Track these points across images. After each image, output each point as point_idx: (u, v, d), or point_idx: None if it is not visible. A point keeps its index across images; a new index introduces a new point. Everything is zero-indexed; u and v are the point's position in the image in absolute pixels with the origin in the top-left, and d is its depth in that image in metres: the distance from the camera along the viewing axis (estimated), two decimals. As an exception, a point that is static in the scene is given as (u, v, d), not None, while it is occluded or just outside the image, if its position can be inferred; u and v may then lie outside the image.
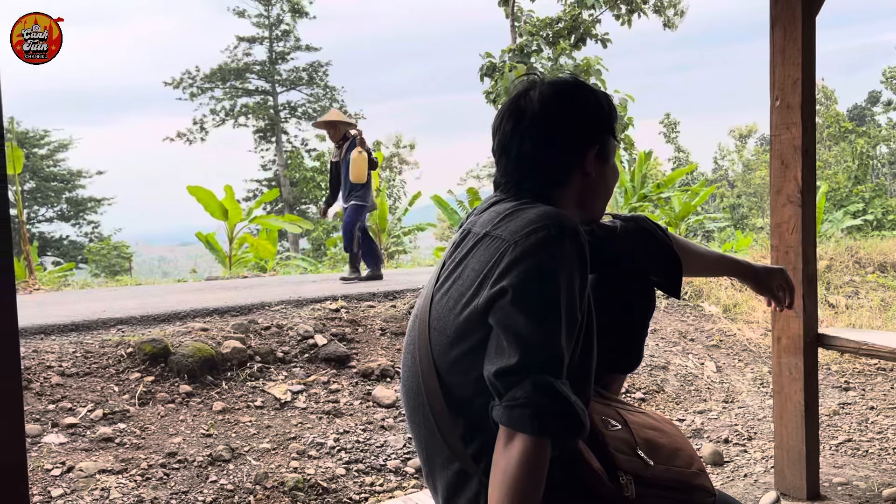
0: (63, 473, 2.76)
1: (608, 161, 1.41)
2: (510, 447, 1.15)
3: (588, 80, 9.81)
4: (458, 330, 1.25)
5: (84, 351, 3.74)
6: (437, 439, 1.32)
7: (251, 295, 5.70)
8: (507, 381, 1.16)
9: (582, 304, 1.23)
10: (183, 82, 33.57)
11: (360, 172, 6.98)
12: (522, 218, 1.24)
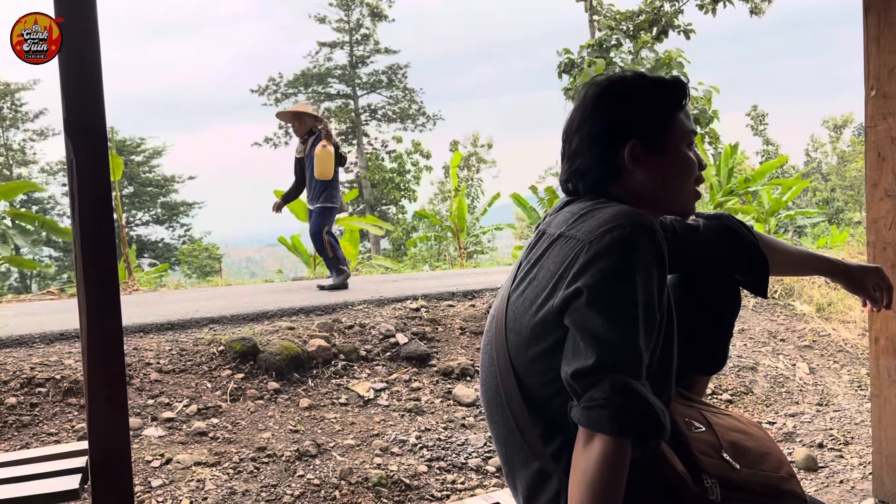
0: (162, 465, 2.91)
1: (662, 153, 1.36)
2: (589, 448, 1.15)
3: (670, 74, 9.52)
4: (534, 331, 1.26)
5: (179, 349, 3.93)
6: (517, 438, 1.33)
7: (334, 295, 5.84)
8: (585, 382, 1.16)
9: (661, 303, 1.21)
10: (268, 89, 34.69)
11: (326, 169, 6.32)
12: (597, 217, 1.24)
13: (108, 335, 1.55)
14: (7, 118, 34.07)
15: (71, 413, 3.27)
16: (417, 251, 19.76)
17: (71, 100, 1.53)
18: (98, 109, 1.53)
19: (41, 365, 3.54)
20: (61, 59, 1.52)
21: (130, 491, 1.45)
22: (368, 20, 34.55)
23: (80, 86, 1.53)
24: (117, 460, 1.52)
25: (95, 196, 1.52)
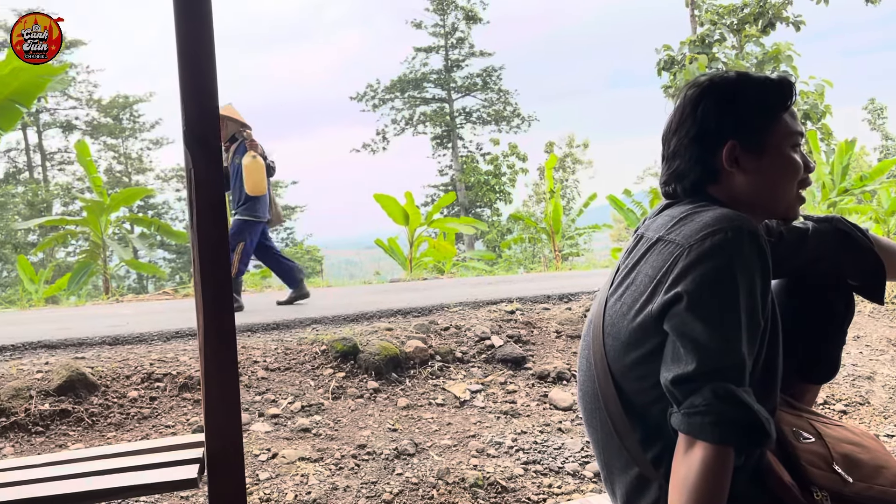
0: (268, 459, 3.04)
1: (763, 155, 1.32)
2: (690, 455, 1.13)
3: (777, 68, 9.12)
4: (632, 336, 1.25)
5: (284, 348, 4.09)
6: (616, 443, 1.32)
7: (430, 296, 5.93)
8: (685, 388, 1.14)
9: (764, 309, 1.18)
10: (366, 95, 35.50)
11: (258, 183, 5.77)
12: (697, 221, 1.22)
13: (223, 334, 1.64)
14: (126, 129, 36.39)
15: (186, 407, 3.47)
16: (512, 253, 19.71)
17: (189, 112, 1.62)
18: (214, 121, 1.62)
19: (159, 361, 3.78)
20: (181, 72, 1.62)
21: (243, 482, 1.53)
22: (463, 23, 34.79)
23: (197, 99, 1.62)
24: (231, 452, 1.60)
25: (211, 203, 1.61)
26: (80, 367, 3.53)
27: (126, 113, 36.23)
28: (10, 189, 31.36)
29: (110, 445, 3.02)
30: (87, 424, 3.29)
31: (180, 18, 1.58)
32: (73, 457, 1.96)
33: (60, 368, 3.49)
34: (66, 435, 3.21)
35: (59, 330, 4.77)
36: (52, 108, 35.27)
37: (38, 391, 3.35)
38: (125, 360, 3.78)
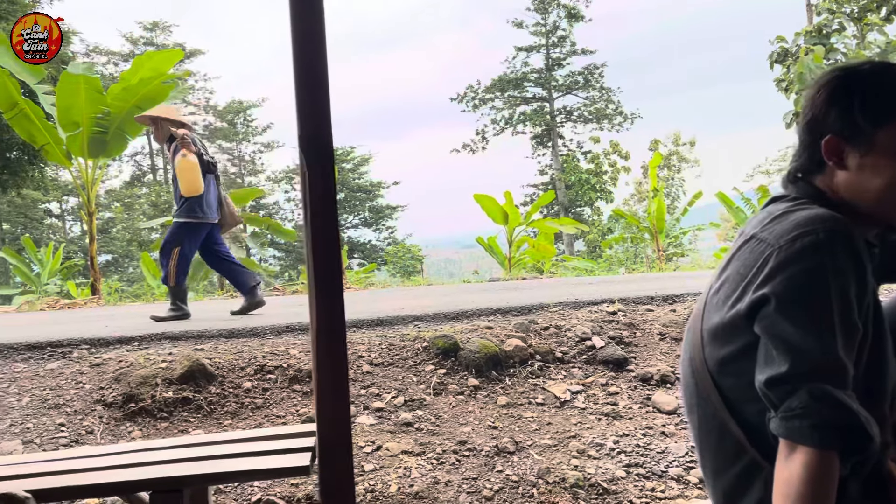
0: (373, 451, 3.14)
1: (870, 153, 1.23)
2: (791, 460, 1.10)
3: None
4: (725, 332, 1.24)
5: (388, 344, 4.20)
6: (714, 439, 1.30)
7: (530, 296, 5.92)
8: (780, 390, 1.11)
9: (861, 312, 1.13)
10: (466, 96, 35.71)
11: (193, 183, 5.44)
12: (791, 221, 1.18)
13: (334, 329, 1.71)
14: (240, 133, 38.20)
15: (296, 398, 3.62)
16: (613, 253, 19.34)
17: (304, 117, 1.70)
18: (326, 125, 1.70)
19: (271, 354, 3.96)
20: (296, 77, 1.70)
21: (351, 472, 1.60)
22: (565, 22, 34.41)
23: (312, 104, 1.70)
24: (340, 442, 1.67)
25: (323, 205, 1.68)
26: (200, 358, 3.75)
27: (240, 118, 38.04)
28: (135, 191, 33.59)
29: (227, 432, 3.20)
30: (206, 412, 3.49)
31: (296, 28, 1.66)
32: (194, 441, 2.10)
33: (182, 359, 3.73)
34: (188, 421, 3.43)
35: (180, 323, 5.08)
36: (172, 114, 37.41)
37: (163, 379, 3.59)
38: (240, 352, 3.99)
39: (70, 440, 3.18)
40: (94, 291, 11.24)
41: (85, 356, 4.03)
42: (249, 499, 2.81)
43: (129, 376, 3.62)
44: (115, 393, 3.54)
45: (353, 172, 36.38)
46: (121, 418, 3.40)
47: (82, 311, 7.65)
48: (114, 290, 14.06)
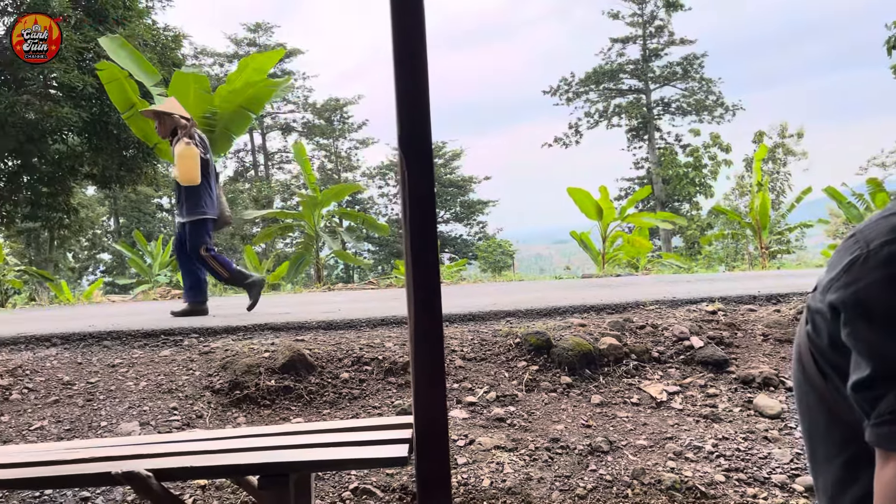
0: (466, 445, 3.18)
1: None
2: (884, 471, 1.04)
3: None
4: (819, 326, 1.19)
5: (480, 339, 4.23)
6: (820, 432, 1.25)
7: (625, 293, 5.81)
8: (867, 395, 1.05)
9: None
10: (559, 89, 35.29)
11: (190, 171, 5.38)
12: (890, 223, 1.12)
13: (431, 326, 1.74)
14: (337, 130, 39.20)
15: (391, 390, 3.71)
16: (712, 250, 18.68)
17: (404, 117, 1.74)
18: (426, 125, 1.73)
19: (367, 346, 4.07)
20: (396, 78, 1.75)
21: (448, 465, 1.62)
22: (663, 11, 33.41)
23: (412, 103, 1.74)
24: (437, 436, 1.71)
25: (422, 203, 1.72)
26: (301, 348, 3.90)
27: (337, 115, 39.05)
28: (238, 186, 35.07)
29: (329, 421, 3.31)
30: (306, 401, 3.63)
31: (397, 29, 1.70)
32: (298, 429, 2.19)
33: (284, 349, 3.88)
34: (289, 409, 3.57)
35: (281, 314, 5.29)
36: (273, 112, 38.92)
37: (266, 368, 3.75)
38: (338, 343, 4.12)
39: (182, 423, 3.38)
40: (202, 282, 11.77)
41: (195, 344, 4.26)
42: (347, 486, 2.91)
43: (235, 364, 3.80)
44: (222, 380, 3.72)
45: (445, 167, 36.67)
46: (227, 404, 3.58)
47: (191, 301, 8.06)
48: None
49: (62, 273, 27.08)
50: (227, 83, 9.99)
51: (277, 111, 39.21)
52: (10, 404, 3.54)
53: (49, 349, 4.31)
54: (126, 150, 15.64)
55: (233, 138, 10.73)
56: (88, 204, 28.81)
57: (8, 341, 4.45)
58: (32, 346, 4.37)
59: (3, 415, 3.44)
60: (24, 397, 3.61)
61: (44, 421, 3.38)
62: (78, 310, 8.05)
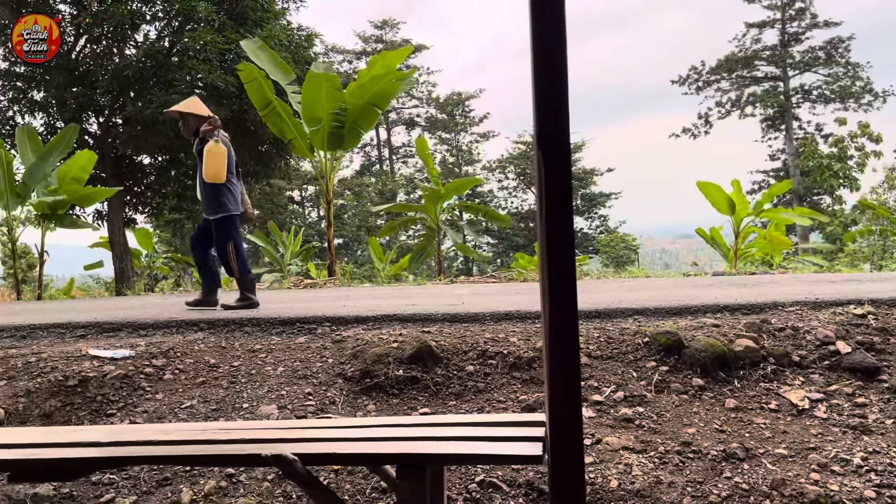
0: (592, 444, 3.13)
1: None
2: None
3: None
4: None
5: (606, 337, 4.15)
6: None
7: (761, 293, 5.52)
8: None
9: None
10: (689, 78, 33.93)
11: (217, 169, 5.54)
12: None
13: (566, 326, 1.73)
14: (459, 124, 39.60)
15: (515, 385, 3.71)
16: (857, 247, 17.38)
17: (541, 114, 1.73)
18: (564, 123, 1.71)
19: (492, 340, 4.09)
20: (534, 75, 1.73)
21: (582, 465, 1.61)
22: (804, -9, 31.32)
23: (550, 101, 1.72)
24: (571, 436, 1.69)
25: (559, 202, 1.70)
26: (427, 340, 3.97)
27: (458, 109, 39.43)
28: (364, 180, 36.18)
29: (460, 415, 3.36)
30: (433, 392, 3.70)
31: (536, 26, 1.69)
32: (429, 421, 2.24)
33: (412, 340, 3.97)
34: (416, 399, 3.65)
35: (408, 306, 5.42)
36: (398, 108, 39.85)
37: (394, 359, 3.86)
38: (462, 336, 4.17)
39: (316, 408, 3.54)
40: (331, 273, 12.28)
41: (327, 333, 4.45)
42: (473, 478, 2.94)
43: (365, 354, 3.93)
44: (353, 368, 3.86)
45: (568, 160, 36.15)
46: (358, 392, 3.71)
47: (322, 291, 8.43)
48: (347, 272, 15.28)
49: (203, 261, 28.96)
50: (357, 80, 10.30)
51: (402, 106, 40.09)
52: (163, 383, 3.84)
53: (197, 333, 4.63)
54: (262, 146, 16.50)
55: (361, 133, 11.07)
56: (227, 196, 30.62)
57: (161, 325, 4.82)
58: (182, 330, 4.71)
59: (158, 393, 3.74)
60: (176, 377, 3.90)
61: (193, 400, 3.64)
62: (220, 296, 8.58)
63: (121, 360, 4.00)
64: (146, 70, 14.99)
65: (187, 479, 3.01)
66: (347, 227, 33.28)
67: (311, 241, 25.03)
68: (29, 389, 3.70)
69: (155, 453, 1.83)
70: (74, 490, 2.97)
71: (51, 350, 4.25)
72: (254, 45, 11.13)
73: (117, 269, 15.64)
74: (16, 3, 15.10)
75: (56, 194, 11.19)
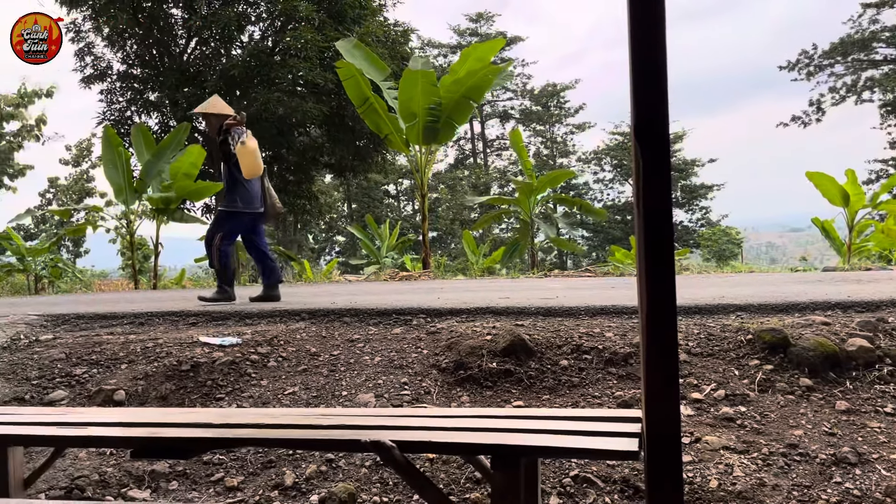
0: (691, 443, 3.05)
1: None
2: None
3: None
4: None
5: (707, 333, 4.02)
6: None
7: (877, 290, 5.20)
8: None
9: None
10: (798, 63, 32.23)
11: (253, 166, 5.78)
12: None
13: (664, 321, 1.70)
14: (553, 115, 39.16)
15: (611, 381, 3.66)
16: None
17: (639, 105, 1.70)
18: (663, 114, 1.68)
19: (586, 335, 4.05)
20: (632, 65, 1.70)
21: (680, 463, 1.58)
22: (930, -34, 29.12)
23: (648, 91, 1.69)
24: (669, 431, 1.66)
25: (657, 193, 1.67)
26: (521, 333, 3.98)
27: (553, 101, 39.00)
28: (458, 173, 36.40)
29: (554, 409, 3.36)
30: (526, 385, 3.70)
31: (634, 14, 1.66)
32: (523, 413, 2.25)
33: (505, 333, 3.98)
34: (509, 392, 3.67)
35: (501, 299, 5.43)
36: (492, 100, 39.82)
37: (488, 351, 3.88)
38: (556, 330, 4.14)
39: (412, 398, 3.61)
40: (426, 265, 12.45)
41: (422, 324, 4.52)
42: (567, 472, 2.93)
43: (459, 346, 3.97)
44: (447, 360, 3.92)
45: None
46: (452, 383, 3.75)
47: (416, 283, 8.57)
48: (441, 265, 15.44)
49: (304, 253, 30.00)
50: (451, 74, 10.37)
51: (496, 99, 40.02)
52: (268, 370, 4.02)
53: (298, 322, 4.81)
54: (359, 141, 16.89)
55: (455, 127, 11.15)
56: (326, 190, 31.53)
57: (265, 314, 5.04)
58: (285, 320, 4.91)
59: (263, 379, 3.91)
60: (279, 365, 4.07)
61: (295, 387, 3.79)
62: (320, 287, 8.89)
63: (229, 347, 4.21)
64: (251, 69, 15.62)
65: (290, 463, 3.14)
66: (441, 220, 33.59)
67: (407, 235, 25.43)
68: (147, 373, 3.96)
69: (262, 436, 1.93)
70: (188, 468, 3.16)
71: (166, 336, 4.52)
72: (349, 45, 11.39)
73: (224, 261, 16.39)
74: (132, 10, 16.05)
75: (169, 190, 11.85)
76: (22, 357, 4.35)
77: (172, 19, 17.41)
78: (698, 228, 34.08)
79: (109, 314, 5.32)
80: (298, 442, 1.99)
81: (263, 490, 2.99)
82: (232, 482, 3.05)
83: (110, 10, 15.99)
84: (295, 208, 19.29)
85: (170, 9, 17.23)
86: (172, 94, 16.51)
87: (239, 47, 17.51)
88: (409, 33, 17.91)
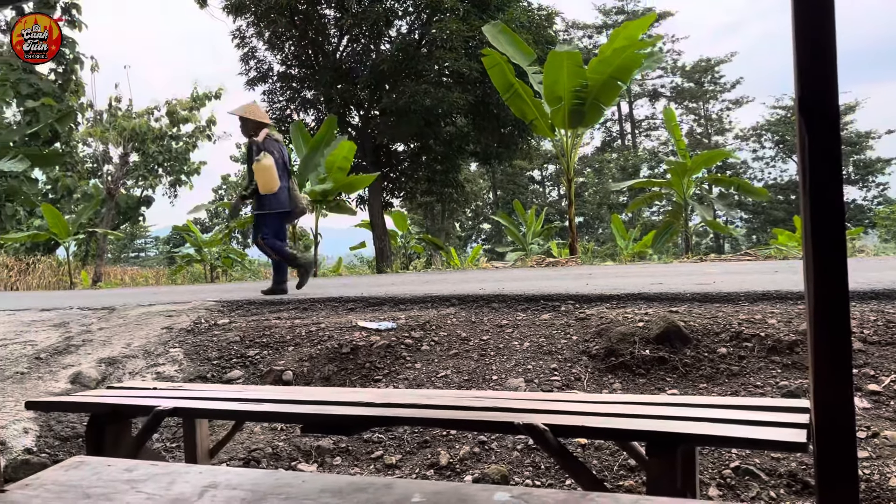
0: (868, 438, 2.83)
1: None
2: None
3: None
4: None
5: (885, 320, 3.70)
6: None
7: None
8: None
9: None
10: None
11: (268, 183, 6.40)
12: None
13: (835, 300, 1.60)
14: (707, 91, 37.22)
15: (775, 370, 3.46)
16: None
17: (804, 76, 1.60)
18: (832, 82, 1.57)
19: (747, 322, 3.85)
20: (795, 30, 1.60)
21: (854, 452, 1.48)
22: None
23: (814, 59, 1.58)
24: (841, 419, 1.57)
25: (826, 170, 1.56)
26: (675, 320, 3.85)
27: (707, 76, 37.06)
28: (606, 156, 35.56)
29: (712, 397, 3.24)
30: (681, 373, 3.58)
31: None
32: (679, 401, 2.19)
33: (658, 320, 3.87)
34: (663, 380, 3.57)
35: (653, 284, 5.27)
36: (640, 80, 38.47)
37: (640, 338, 3.79)
38: (714, 317, 3.97)
39: (562, 384, 3.61)
40: (573, 251, 12.31)
41: (571, 310, 4.49)
42: (727, 464, 2.81)
43: (610, 332, 3.91)
44: (597, 346, 3.87)
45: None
46: (603, 370, 3.71)
47: (563, 269, 8.50)
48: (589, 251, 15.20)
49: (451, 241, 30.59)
50: (599, 55, 10.15)
51: (645, 77, 38.62)
52: (421, 354, 4.16)
53: (449, 308, 4.94)
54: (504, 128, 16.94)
55: (602, 109, 10.90)
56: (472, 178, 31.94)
57: (418, 300, 5.21)
58: (437, 305, 5.06)
59: (417, 363, 4.06)
60: (432, 349, 4.20)
61: (447, 371, 3.90)
62: (467, 274, 9.05)
63: (385, 331, 4.41)
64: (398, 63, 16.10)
65: (444, 444, 3.25)
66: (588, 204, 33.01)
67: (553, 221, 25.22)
68: (311, 355, 4.22)
69: (419, 415, 2.01)
70: (350, 445, 3.36)
71: (327, 321, 4.80)
72: (495, 30, 11.42)
73: (377, 249, 17.10)
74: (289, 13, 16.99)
75: (325, 183, 12.51)
76: (203, 339, 4.79)
77: (325, 19, 18.29)
78: (874, 207, 31.18)
79: (276, 300, 5.73)
80: (454, 422, 2.06)
81: (420, 469, 3.11)
82: (391, 460, 3.20)
83: (270, 15, 17.08)
84: (442, 197, 19.70)
85: (323, 9, 18.10)
86: (327, 91, 17.36)
87: (387, 42, 18.10)
88: (554, 16, 17.67)
